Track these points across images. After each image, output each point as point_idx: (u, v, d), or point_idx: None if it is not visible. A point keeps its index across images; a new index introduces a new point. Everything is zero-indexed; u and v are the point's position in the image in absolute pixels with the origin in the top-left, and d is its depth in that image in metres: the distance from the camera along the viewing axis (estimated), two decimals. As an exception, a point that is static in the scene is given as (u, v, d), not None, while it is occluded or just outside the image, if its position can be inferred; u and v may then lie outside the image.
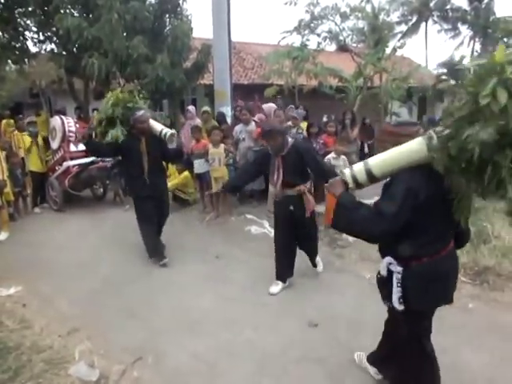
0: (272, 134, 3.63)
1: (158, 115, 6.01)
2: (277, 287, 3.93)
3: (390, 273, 2.09)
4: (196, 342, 3.13)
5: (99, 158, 6.78)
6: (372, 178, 2.03)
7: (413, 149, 1.94)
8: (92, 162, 6.91)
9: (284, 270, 3.98)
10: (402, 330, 2.23)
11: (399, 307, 2.06)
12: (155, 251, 4.76)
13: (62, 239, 5.65)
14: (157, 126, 4.65)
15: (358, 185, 2.08)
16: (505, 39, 20.08)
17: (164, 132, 4.55)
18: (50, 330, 3.32)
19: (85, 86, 11.45)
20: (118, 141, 4.54)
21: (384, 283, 2.15)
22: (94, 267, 4.64)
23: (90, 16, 9.27)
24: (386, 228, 1.93)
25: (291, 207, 3.77)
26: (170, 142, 4.64)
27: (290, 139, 3.84)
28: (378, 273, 2.21)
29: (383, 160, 2.02)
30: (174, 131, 4.70)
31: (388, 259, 2.11)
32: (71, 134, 6.93)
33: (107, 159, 7.07)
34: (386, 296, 2.17)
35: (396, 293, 2.06)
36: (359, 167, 2.06)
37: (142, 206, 4.66)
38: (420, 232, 1.99)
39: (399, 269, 2.05)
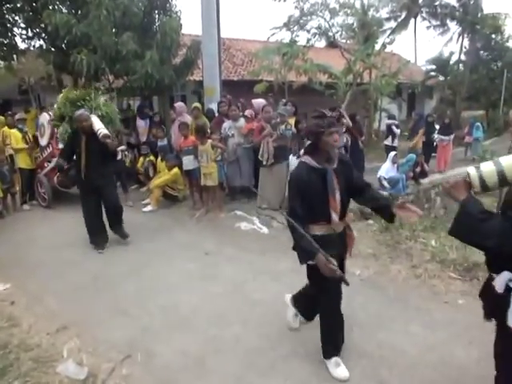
0: (340, 122, 2.70)
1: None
2: (341, 368, 2.69)
3: (509, 290, 1.82)
4: (185, 338, 3.15)
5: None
6: (504, 182, 1.73)
7: None
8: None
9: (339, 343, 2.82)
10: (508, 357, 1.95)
11: None
12: (94, 239, 5.12)
13: (51, 236, 5.62)
14: (96, 125, 4.89)
15: (485, 188, 1.77)
16: (493, 35, 20.32)
17: (99, 132, 4.80)
18: (39, 328, 3.31)
19: (74, 82, 11.33)
20: (67, 136, 5.24)
21: (495, 299, 1.88)
22: (83, 264, 4.63)
23: (79, 12, 9.17)
24: None
25: (337, 248, 2.64)
26: (103, 141, 4.77)
27: None
28: (485, 284, 1.99)
29: None
30: (107, 132, 4.91)
31: (508, 275, 1.82)
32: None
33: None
34: (495, 312, 1.92)
35: None
36: (490, 168, 1.73)
37: (83, 197, 5.14)
38: None
39: None
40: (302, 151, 2.30)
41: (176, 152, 7.13)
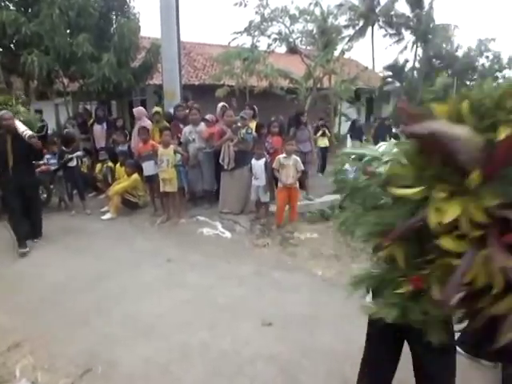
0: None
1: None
2: None
3: None
4: (149, 346, 3.04)
5: (42, 161, 6.47)
6: None
7: None
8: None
9: None
10: None
11: None
12: (19, 238, 5.14)
13: (2, 248, 5.30)
14: (21, 127, 5.08)
15: None
16: (444, 45, 21.39)
17: (25, 133, 4.98)
18: (-13, 347, 3.10)
19: (25, 85, 10.86)
20: None
21: None
22: (38, 276, 4.39)
23: (29, 10, 8.79)
24: None
25: None
26: (29, 141, 4.96)
27: None
28: None
29: None
30: (32, 133, 5.10)
31: None
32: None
33: (51, 162, 6.79)
34: None
35: None
36: None
37: (9, 197, 5.24)
38: None
39: None
40: None
41: (135, 157, 6.94)
